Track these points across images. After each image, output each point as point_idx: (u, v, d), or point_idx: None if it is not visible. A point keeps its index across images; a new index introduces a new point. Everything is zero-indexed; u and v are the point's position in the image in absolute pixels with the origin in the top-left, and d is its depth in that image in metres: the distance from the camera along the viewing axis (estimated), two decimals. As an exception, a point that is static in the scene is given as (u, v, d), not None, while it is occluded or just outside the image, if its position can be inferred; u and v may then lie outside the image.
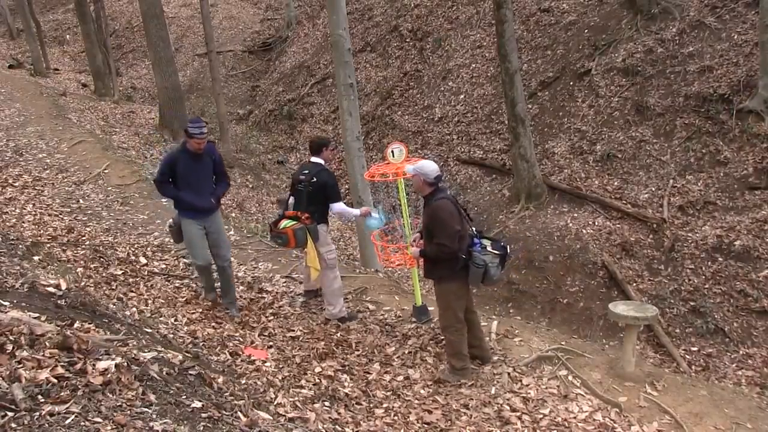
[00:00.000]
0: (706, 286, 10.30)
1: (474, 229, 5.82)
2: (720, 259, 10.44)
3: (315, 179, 6.86)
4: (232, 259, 8.98)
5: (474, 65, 17.97)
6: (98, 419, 2.57)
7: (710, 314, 9.92)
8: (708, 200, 11.42)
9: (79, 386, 2.79)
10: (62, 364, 2.94)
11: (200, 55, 26.42)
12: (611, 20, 15.80)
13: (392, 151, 7.10)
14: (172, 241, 7.71)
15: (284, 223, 6.86)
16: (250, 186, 16.29)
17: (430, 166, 5.63)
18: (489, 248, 5.59)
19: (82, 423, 2.52)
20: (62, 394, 2.69)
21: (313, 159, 7.09)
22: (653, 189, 12.18)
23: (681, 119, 12.79)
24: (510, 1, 13.07)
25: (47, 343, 3.11)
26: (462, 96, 17.43)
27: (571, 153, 13.87)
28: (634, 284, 10.81)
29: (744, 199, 11.08)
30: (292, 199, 7.05)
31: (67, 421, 2.50)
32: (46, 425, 2.44)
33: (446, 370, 5.94)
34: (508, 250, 5.73)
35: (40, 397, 2.63)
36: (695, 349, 9.71)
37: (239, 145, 20.02)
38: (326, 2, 10.43)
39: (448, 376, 5.86)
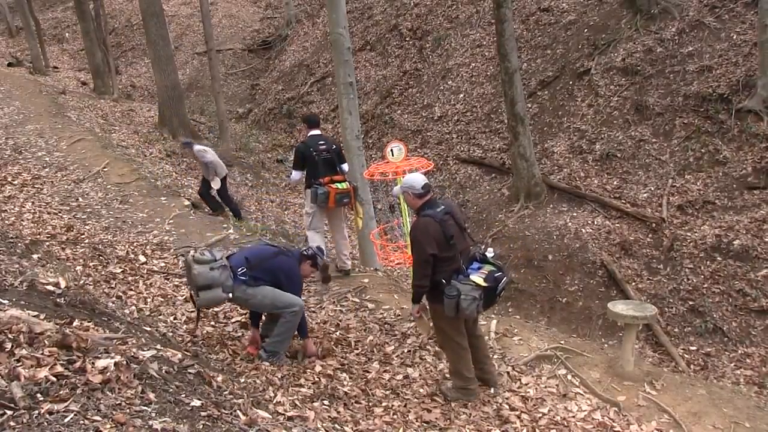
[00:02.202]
0: (705, 285, 10.31)
1: (479, 251, 5.41)
2: (719, 258, 10.44)
3: (334, 146, 8.04)
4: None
5: (474, 64, 17.97)
6: (97, 417, 2.58)
7: (709, 313, 9.92)
8: (707, 200, 11.43)
9: (79, 384, 2.79)
10: (61, 362, 2.94)
11: (200, 54, 26.41)
12: (611, 20, 15.80)
13: (392, 150, 7.10)
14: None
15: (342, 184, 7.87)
16: (249, 185, 16.29)
17: (413, 178, 5.33)
18: (481, 277, 5.06)
19: (82, 421, 2.52)
20: (61, 392, 2.69)
21: (316, 132, 8.04)
22: (652, 188, 12.18)
23: (680, 119, 12.79)
24: (510, 0, 13.06)
25: (46, 342, 3.12)
26: (461, 95, 17.43)
27: (571, 152, 13.87)
28: (633, 283, 10.82)
29: (743, 199, 11.08)
30: (298, 174, 7.92)
31: (66, 420, 2.50)
32: (45, 424, 2.44)
33: (450, 385, 5.67)
34: (501, 284, 5.15)
35: (39, 395, 2.64)
36: (694, 348, 9.71)
37: (239, 143, 20.01)
38: (326, 1, 10.43)
39: (450, 391, 5.61)
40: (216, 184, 11.18)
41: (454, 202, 5.57)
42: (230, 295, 5.42)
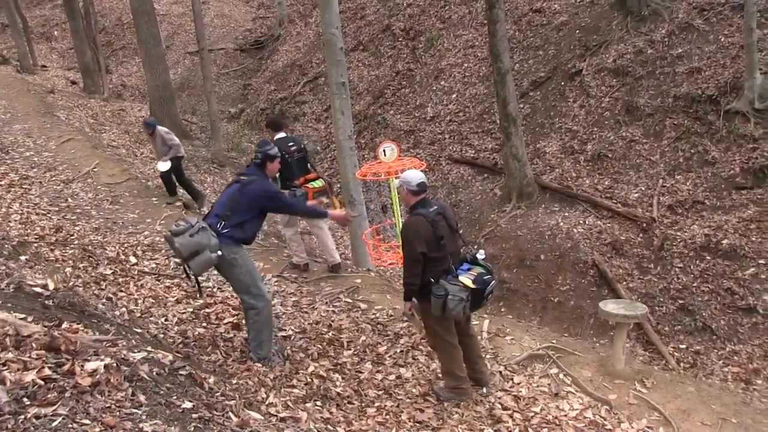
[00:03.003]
0: (695, 284, 10.36)
1: (470, 253, 5.42)
2: (708, 257, 10.50)
3: (303, 145, 8.19)
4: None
5: (466, 65, 17.99)
6: (86, 421, 2.56)
7: (698, 312, 9.98)
8: (696, 200, 11.48)
9: (67, 388, 2.77)
10: (49, 365, 2.91)
11: (191, 53, 26.33)
12: (602, 21, 15.85)
13: (384, 150, 7.11)
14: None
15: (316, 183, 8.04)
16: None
17: (412, 175, 5.32)
18: (470, 279, 5.08)
19: (70, 425, 2.50)
20: (49, 395, 2.67)
21: (282, 134, 8.18)
22: (643, 188, 12.23)
23: (670, 119, 12.84)
24: (502, 1, 13.08)
25: (34, 345, 3.09)
26: (454, 95, 17.45)
27: (563, 152, 13.91)
28: (624, 283, 10.86)
29: (731, 199, 11.14)
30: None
31: (54, 424, 2.48)
32: (32, 428, 2.42)
33: (443, 385, 5.69)
34: (490, 287, 5.15)
35: (25, 399, 2.61)
36: (683, 346, 9.76)
37: (231, 143, 19.98)
38: (319, 1, 10.42)
39: (442, 391, 5.62)
40: (165, 166, 11.09)
41: (448, 204, 5.58)
42: (219, 252, 5.28)
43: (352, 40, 21.67)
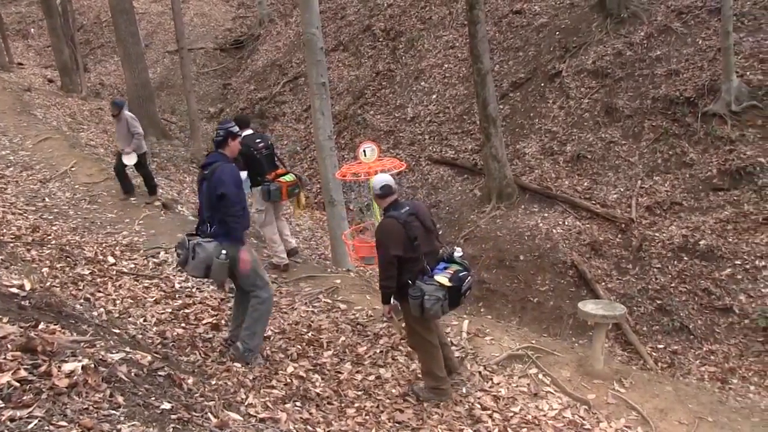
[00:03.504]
0: (672, 284, 10.45)
1: (447, 252, 5.45)
2: (685, 258, 10.59)
3: (270, 142, 8.50)
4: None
5: (446, 65, 18.03)
6: (63, 423, 2.53)
7: (676, 312, 10.06)
8: (674, 201, 11.58)
9: (44, 389, 2.74)
10: (25, 366, 2.88)
11: (171, 52, 26.15)
12: (582, 23, 15.95)
13: (364, 151, 7.11)
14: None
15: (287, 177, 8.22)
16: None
17: (377, 179, 5.40)
18: (446, 277, 5.09)
19: (46, 427, 2.47)
20: (25, 397, 2.63)
21: (249, 131, 8.34)
22: (622, 189, 12.32)
23: (649, 121, 12.95)
24: (482, 2, 13.13)
25: (9, 346, 3.05)
26: (434, 96, 17.48)
27: (542, 153, 13.98)
28: (603, 283, 10.93)
29: (708, 200, 11.25)
30: (244, 173, 7.87)
31: (30, 426, 2.45)
32: (7, 431, 2.39)
33: (422, 385, 5.69)
34: (466, 283, 5.17)
35: (0, 401, 2.57)
36: (661, 346, 9.85)
37: (210, 143, 19.80)
38: (299, 1, 10.39)
39: (422, 391, 5.63)
40: (131, 160, 10.72)
41: (424, 204, 5.60)
42: (224, 252, 5.31)
43: (333, 40, 21.64)
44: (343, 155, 16.81)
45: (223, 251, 5.31)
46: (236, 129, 5.80)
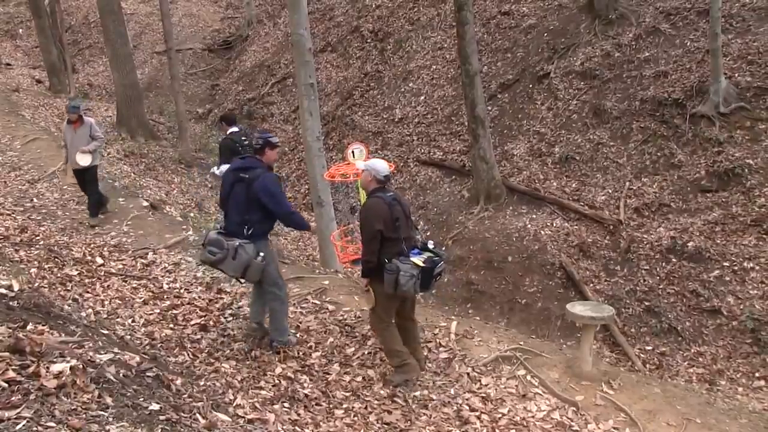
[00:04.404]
0: (661, 286, 10.50)
1: (421, 239, 5.83)
2: (673, 260, 10.65)
3: (252, 140, 8.28)
4: (190, 259, 8.92)
5: (434, 67, 18.05)
6: (51, 424, 2.52)
7: (664, 314, 10.11)
8: (662, 202, 11.64)
9: (32, 390, 2.72)
10: (14, 367, 2.87)
11: (159, 53, 26.04)
12: (570, 24, 16.01)
13: (353, 152, 7.11)
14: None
15: None
16: (209, 186, 16.13)
17: (381, 165, 5.66)
18: (420, 260, 5.40)
19: (35, 428, 2.46)
20: (13, 398, 2.62)
21: (235, 128, 8.81)
22: (610, 191, 12.37)
23: (637, 123, 13.01)
24: (471, 3, 13.16)
25: (-2, 346, 3.04)
26: (422, 97, 17.50)
27: (530, 155, 14.01)
28: (591, 285, 10.97)
29: (696, 202, 11.31)
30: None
31: (18, 427, 2.44)
32: (-5, 432, 2.38)
33: (392, 374, 5.87)
34: (438, 267, 5.49)
35: (-12, 402, 2.56)
36: (649, 348, 9.89)
37: (198, 144, 19.81)
38: (287, 2, 10.38)
39: (393, 375, 5.82)
40: (86, 160, 9.55)
41: (403, 196, 5.95)
42: (263, 256, 5.66)
43: (321, 41, 21.62)
44: (331, 156, 16.80)
45: (261, 253, 5.63)
46: (276, 140, 6.06)
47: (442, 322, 7.18)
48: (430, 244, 5.69)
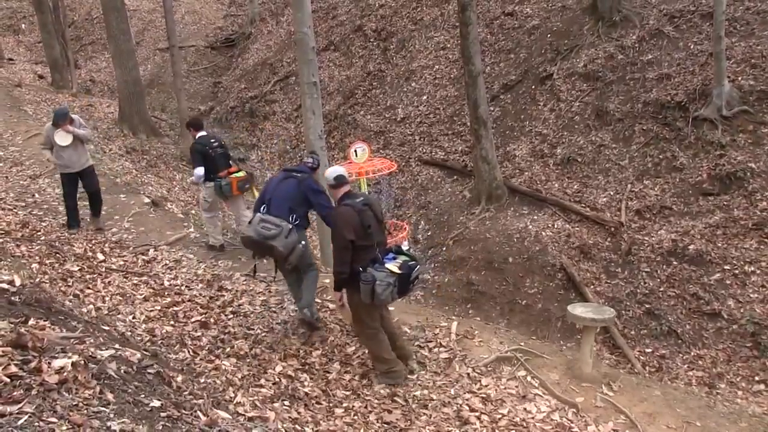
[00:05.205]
0: (661, 289, 10.49)
1: (395, 245, 5.86)
2: (674, 262, 10.64)
3: (222, 142, 9.43)
4: (192, 256, 8.92)
5: (437, 66, 18.04)
6: (53, 419, 2.52)
7: (664, 316, 10.10)
8: (664, 205, 11.62)
9: (34, 385, 2.72)
10: (15, 362, 2.87)
11: (162, 50, 26.05)
12: (573, 26, 16.00)
13: (355, 151, 7.13)
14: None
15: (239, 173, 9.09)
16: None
17: (331, 170, 5.76)
18: (396, 266, 5.39)
19: (36, 423, 2.46)
20: (15, 393, 2.62)
21: (203, 132, 9.24)
22: (612, 193, 12.36)
23: (639, 125, 13.00)
24: (474, 3, 13.15)
25: (0, 341, 3.04)
26: (425, 97, 17.49)
27: (532, 156, 14.00)
28: (592, 286, 10.96)
29: (698, 205, 11.30)
30: (202, 170, 8.85)
31: (20, 422, 2.43)
32: (-2, 426, 2.38)
33: (378, 376, 5.90)
34: (415, 272, 5.50)
35: (-10, 397, 2.56)
36: (649, 350, 9.88)
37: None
38: (291, 0, 10.38)
39: (379, 378, 5.84)
40: (67, 139, 8.89)
41: (376, 198, 5.97)
42: (304, 243, 6.23)
43: (324, 40, 21.61)
44: (333, 155, 16.82)
45: (303, 241, 6.17)
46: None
47: (442, 322, 7.18)
48: (404, 247, 5.78)
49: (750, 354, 9.24)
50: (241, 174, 9.13)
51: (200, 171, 8.90)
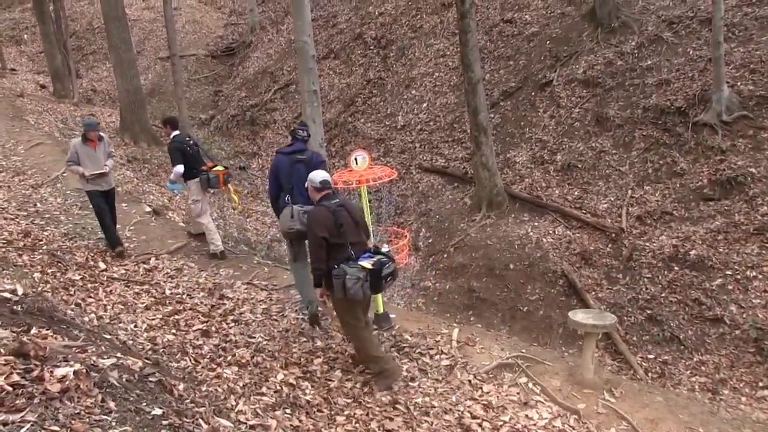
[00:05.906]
0: (663, 294, 10.47)
1: (375, 246, 5.96)
2: (676, 268, 10.63)
3: (195, 142, 9.69)
4: (193, 264, 8.92)
5: (437, 74, 18.08)
6: (55, 428, 2.53)
7: (666, 322, 10.08)
8: (665, 210, 11.63)
9: (36, 394, 2.73)
10: (18, 371, 2.88)
11: (162, 59, 26.12)
12: (572, 32, 16.04)
13: (355, 159, 7.13)
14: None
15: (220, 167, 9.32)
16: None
17: (316, 174, 5.88)
18: (369, 262, 5.49)
19: None
20: (17, 402, 2.63)
21: (177, 132, 9.42)
22: (612, 199, 12.37)
23: (639, 131, 13.01)
24: (473, 11, 13.19)
25: (2, 350, 3.05)
26: (425, 104, 17.52)
27: (532, 162, 14.02)
28: (593, 293, 10.95)
29: (699, 210, 11.30)
30: (182, 167, 9.01)
31: (22, 431, 2.44)
32: (0, 435, 2.39)
33: (376, 382, 5.91)
34: (386, 268, 5.53)
35: (-7, 406, 2.57)
36: (652, 356, 9.86)
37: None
38: (291, 8, 10.42)
39: (378, 383, 5.86)
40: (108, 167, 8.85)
41: (355, 204, 5.99)
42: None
43: (324, 48, 21.67)
44: (333, 163, 16.86)
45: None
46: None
47: (443, 330, 7.18)
48: (384, 248, 5.84)
49: (753, 359, 9.22)
50: (222, 169, 9.34)
51: (180, 168, 9.05)
